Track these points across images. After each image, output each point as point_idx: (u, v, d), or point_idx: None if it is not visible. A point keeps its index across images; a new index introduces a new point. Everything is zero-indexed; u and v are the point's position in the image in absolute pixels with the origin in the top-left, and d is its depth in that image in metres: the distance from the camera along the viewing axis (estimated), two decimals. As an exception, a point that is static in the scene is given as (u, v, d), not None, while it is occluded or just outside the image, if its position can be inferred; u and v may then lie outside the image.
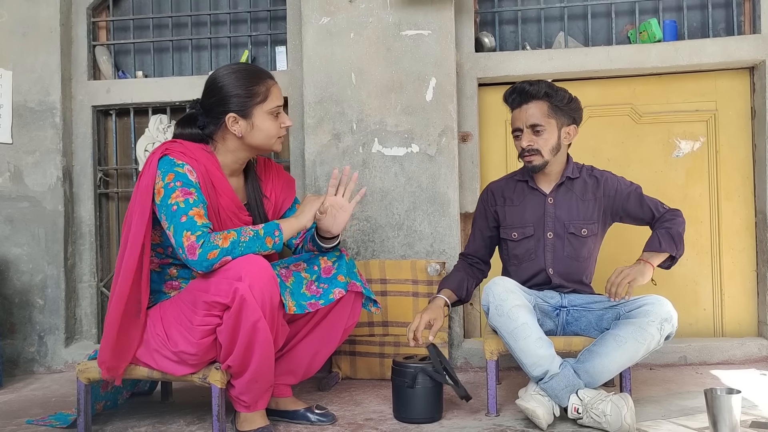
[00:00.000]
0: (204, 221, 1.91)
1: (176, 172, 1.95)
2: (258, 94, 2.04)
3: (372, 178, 2.86)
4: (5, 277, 3.06)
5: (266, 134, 2.07)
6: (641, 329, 2.02)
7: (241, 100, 2.03)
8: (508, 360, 2.70)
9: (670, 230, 2.22)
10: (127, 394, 2.40)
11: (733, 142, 2.97)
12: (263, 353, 1.91)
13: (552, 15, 3.12)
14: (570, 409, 2.01)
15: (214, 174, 2.05)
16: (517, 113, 2.28)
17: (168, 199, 1.92)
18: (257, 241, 1.93)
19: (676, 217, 2.26)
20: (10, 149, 3.09)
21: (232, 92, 2.03)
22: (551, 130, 2.24)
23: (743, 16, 3.00)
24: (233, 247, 1.88)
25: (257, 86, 2.04)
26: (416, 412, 2.13)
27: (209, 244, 1.86)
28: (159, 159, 1.98)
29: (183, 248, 1.88)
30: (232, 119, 2.03)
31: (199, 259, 1.86)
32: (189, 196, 1.93)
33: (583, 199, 2.31)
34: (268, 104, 2.06)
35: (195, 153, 2.03)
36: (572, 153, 2.38)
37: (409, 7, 2.84)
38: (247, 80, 2.04)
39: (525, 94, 2.25)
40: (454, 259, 2.81)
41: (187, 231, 1.88)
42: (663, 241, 2.20)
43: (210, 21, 3.26)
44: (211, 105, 2.06)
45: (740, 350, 2.81)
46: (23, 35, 3.09)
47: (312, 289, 2.14)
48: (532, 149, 2.24)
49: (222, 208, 2.06)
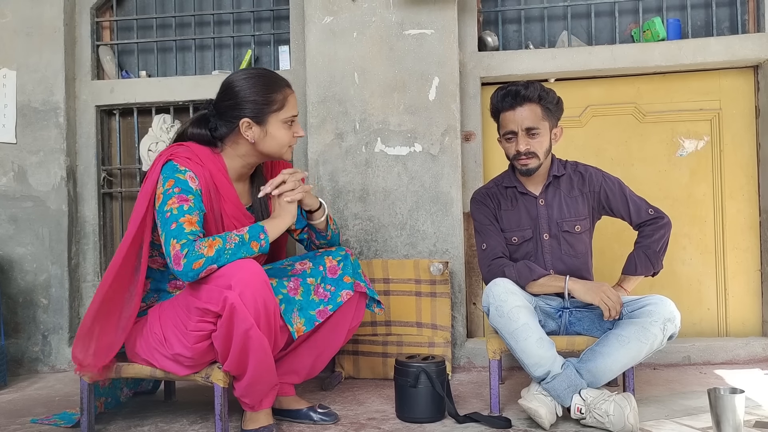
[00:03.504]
0: (193, 228, 1.89)
1: (176, 179, 1.95)
2: (275, 102, 2.03)
3: (375, 177, 2.86)
4: (9, 277, 3.07)
5: (279, 142, 2.06)
6: (644, 329, 2.01)
7: (258, 106, 2.01)
8: (512, 359, 2.71)
9: (648, 250, 2.28)
10: (129, 392, 2.41)
11: (737, 141, 2.96)
12: (258, 359, 1.90)
13: (555, 14, 3.11)
14: (573, 409, 2.00)
15: (219, 179, 2.04)
16: (510, 115, 2.23)
17: (164, 205, 1.92)
18: (242, 247, 1.91)
19: (657, 230, 2.29)
20: (14, 149, 3.10)
21: (249, 97, 2.01)
22: (545, 132, 2.24)
23: (747, 15, 2.99)
24: (218, 255, 1.86)
25: (275, 94, 2.03)
26: (419, 411, 2.12)
27: (194, 254, 1.84)
28: (163, 164, 1.98)
29: (170, 257, 1.86)
30: (246, 124, 2.02)
31: (185, 270, 1.85)
32: (184, 203, 1.92)
33: (571, 195, 2.31)
34: (284, 113, 2.05)
35: (201, 157, 2.03)
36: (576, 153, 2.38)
37: (412, 7, 2.83)
38: (266, 87, 2.03)
39: (520, 97, 2.21)
40: (457, 259, 2.81)
41: (174, 239, 1.86)
42: (639, 265, 2.30)
43: (213, 21, 3.27)
44: (226, 108, 2.04)
45: (744, 350, 2.80)
46: (27, 35, 3.09)
47: (320, 293, 2.14)
48: (530, 152, 2.22)
49: (225, 213, 2.05)
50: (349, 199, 2.88)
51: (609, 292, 2.09)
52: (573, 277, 2.19)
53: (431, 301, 2.69)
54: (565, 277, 2.19)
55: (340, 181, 2.88)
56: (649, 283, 2.53)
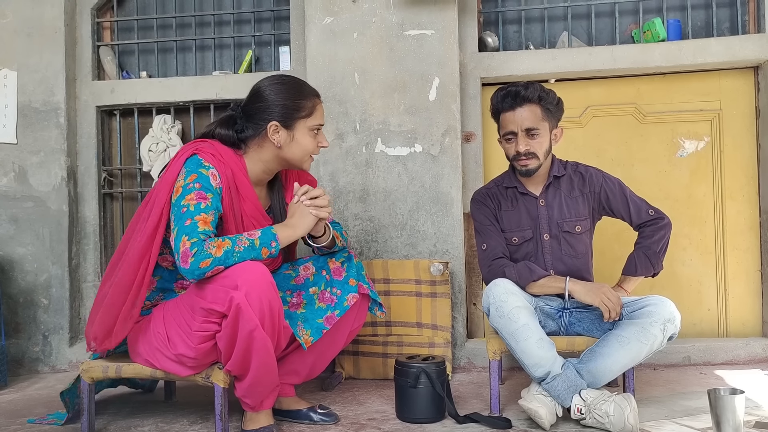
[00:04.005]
0: (206, 228, 1.89)
1: (199, 173, 1.95)
2: (304, 108, 2.05)
3: (375, 177, 2.86)
4: (10, 277, 3.07)
5: (303, 149, 2.07)
6: (644, 330, 2.01)
7: (288, 110, 2.03)
8: (512, 360, 2.71)
9: (648, 251, 2.29)
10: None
11: (737, 141, 2.96)
12: (261, 360, 1.90)
13: (555, 15, 3.12)
14: (573, 409, 2.00)
15: (240, 179, 2.04)
16: (510, 116, 2.24)
17: (182, 199, 1.91)
18: (252, 252, 1.91)
19: (658, 231, 2.29)
20: (15, 149, 3.10)
21: (280, 101, 2.03)
22: (545, 133, 2.24)
23: (748, 15, 2.99)
24: (227, 256, 1.87)
25: (304, 100, 2.06)
26: (419, 411, 2.12)
27: (202, 253, 1.84)
28: (188, 157, 1.98)
29: (178, 254, 1.86)
30: (274, 127, 2.03)
31: (191, 268, 1.84)
32: (202, 201, 1.91)
33: (571, 196, 2.31)
34: (312, 120, 2.07)
35: (224, 155, 2.03)
36: (577, 153, 2.38)
37: (413, 7, 2.84)
38: (296, 93, 2.06)
39: (520, 98, 2.22)
40: (458, 259, 2.81)
41: (185, 236, 1.86)
42: (639, 266, 2.30)
43: (214, 21, 3.27)
44: (255, 110, 2.06)
45: (744, 350, 2.80)
46: (28, 35, 3.10)
47: (326, 298, 2.14)
48: (530, 153, 2.23)
49: (245, 213, 2.05)
50: (349, 200, 2.88)
51: (609, 293, 2.09)
52: (573, 278, 2.20)
53: (431, 302, 2.69)
54: (566, 278, 2.19)
55: (340, 182, 2.88)
56: (650, 284, 2.53)
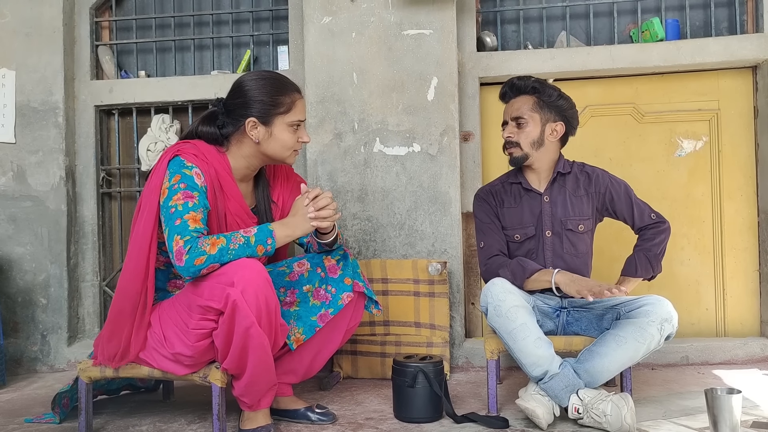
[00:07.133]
0: (197, 226, 1.90)
1: (183, 174, 1.96)
2: (282, 104, 2.05)
3: (373, 177, 2.86)
4: (8, 277, 3.07)
5: (282, 145, 2.08)
6: (641, 329, 2.01)
7: (265, 106, 2.04)
8: (510, 359, 2.71)
9: (648, 252, 2.30)
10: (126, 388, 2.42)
11: (735, 141, 2.96)
12: (258, 357, 1.91)
13: (554, 14, 3.12)
14: (570, 409, 2.01)
15: (223, 177, 2.05)
16: (507, 107, 2.37)
17: (169, 200, 1.92)
18: (247, 249, 1.91)
19: (659, 234, 2.31)
20: (14, 149, 3.10)
21: (257, 97, 2.04)
22: (534, 124, 2.28)
23: (746, 15, 3.00)
24: (221, 254, 1.87)
25: (283, 96, 2.06)
26: (417, 411, 2.13)
27: (196, 250, 1.85)
28: (170, 159, 1.99)
29: (172, 253, 1.87)
30: (251, 123, 2.04)
31: (186, 265, 1.86)
32: (189, 200, 1.92)
33: (576, 195, 2.32)
34: (290, 116, 2.07)
35: (207, 155, 2.04)
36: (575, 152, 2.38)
37: (411, 7, 2.84)
38: (274, 89, 2.05)
39: (514, 89, 2.34)
40: (456, 259, 2.81)
41: (177, 235, 1.87)
42: (639, 267, 2.30)
43: (212, 21, 3.27)
44: (234, 106, 2.07)
45: (742, 350, 2.80)
46: (26, 35, 3.10)
47: (320, 295, 2.14)
48: (511, 141, 2.31)
49: (229, 212, 2.06)
50: (347, 199, 2.88)
51: (592, 282, 2.10)
52: (562, 271, 2.20)
53: (429, 301, 2.69)
54: (554, 270, 2.19)
55: (338, 181, 2.88)
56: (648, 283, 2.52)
